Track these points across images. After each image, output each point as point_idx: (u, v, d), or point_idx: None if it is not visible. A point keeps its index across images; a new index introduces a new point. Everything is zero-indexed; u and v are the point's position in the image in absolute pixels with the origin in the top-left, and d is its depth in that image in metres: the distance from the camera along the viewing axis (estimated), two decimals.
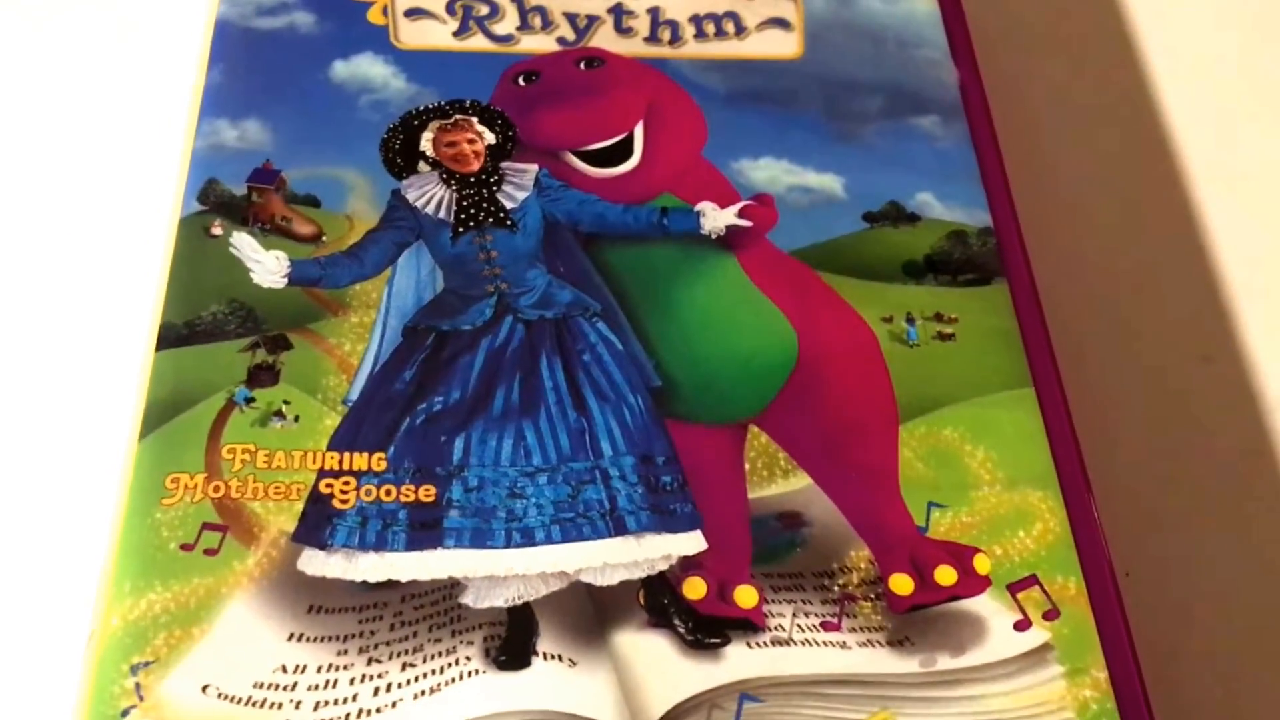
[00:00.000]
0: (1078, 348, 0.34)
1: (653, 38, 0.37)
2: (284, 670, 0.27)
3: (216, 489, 0.29)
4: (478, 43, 0.37)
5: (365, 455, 0.29)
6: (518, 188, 0.33)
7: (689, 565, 0.29)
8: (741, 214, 0.33)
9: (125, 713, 0.26)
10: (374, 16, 0.37)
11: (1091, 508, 0.30)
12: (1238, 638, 0.32)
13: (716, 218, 0.33)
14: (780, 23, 0.38)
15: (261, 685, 0.26)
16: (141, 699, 0.26)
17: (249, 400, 0.30)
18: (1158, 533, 0.32)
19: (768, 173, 0.35)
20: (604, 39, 0.37)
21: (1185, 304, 0.37)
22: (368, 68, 0.36)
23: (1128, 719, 0.27)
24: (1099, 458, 0.31)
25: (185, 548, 0.28)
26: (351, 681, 0.27)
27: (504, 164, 0.33)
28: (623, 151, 0.34)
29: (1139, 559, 0.31)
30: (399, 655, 0.27)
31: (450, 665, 0.27)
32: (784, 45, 0.37)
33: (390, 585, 0.28)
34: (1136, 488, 0.33)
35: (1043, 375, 0.32)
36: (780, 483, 0.30)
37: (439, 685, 0.27)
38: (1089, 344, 0.35)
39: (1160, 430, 0.34)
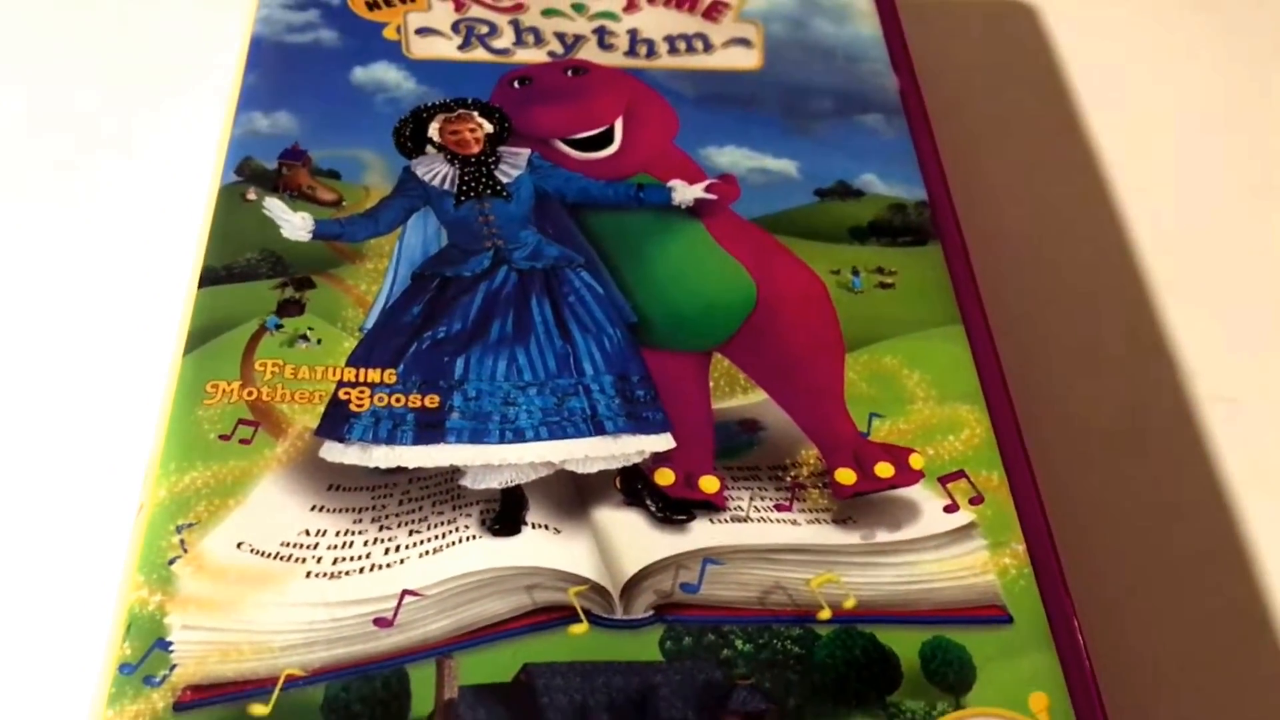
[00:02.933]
0: (1001, 293, 0.39)
1: (631, 52, 0.42)
2: (307, 533, 0.30)
3: (250, 394, 0.33)
4: (479, 55, 0.42)
5: (378, 370, 0.34)
6: (513, 166, 0.38)
7: (660, 459, 0.33)
8: (708, 189, 0.38)
9: (171, 562, 0.30)
10: (388, 34, 0.42)
11: (1012, 416, 0.34)
12: (1139, 515, 0.36)
13: (686, 192, 0.38)
14: (743, 41, 0.43)
15: (287, 544, 0.30)
16: (185, 551, 0.30)
17: (278, 326, 0.34)
18: (1070, 434, 0.37)
19: (731, 158, 0.40)
20: (589, 53, 0.42)
21: (1092, 253, 0.42)
22: (383, 73, 0.41)
23: (1042, 580, 0.31)
24: (1019, 378, 0.35)
25: (223, 438, 0.32)
26: (365, 543, 0.30)
27: (500, 148, 0.39)
28: (605, 140, 0.40)
29: (1055, 457, 0.35)
30: (406, 524, 0.31)
31: (451, 532, 0.31)
32: (746, 59, 0.43)
33: (399, 471, 0.32)
34: (1051, 400, 0.38)
35: (970, 314, 0.36)
36: (740, 397, 0.34)
37: (440, 547, 0.31)
38: (1011, 290, 0.40)
39: (1072, 354, 0.39)
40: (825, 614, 0.30)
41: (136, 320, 0.38)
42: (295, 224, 0.36)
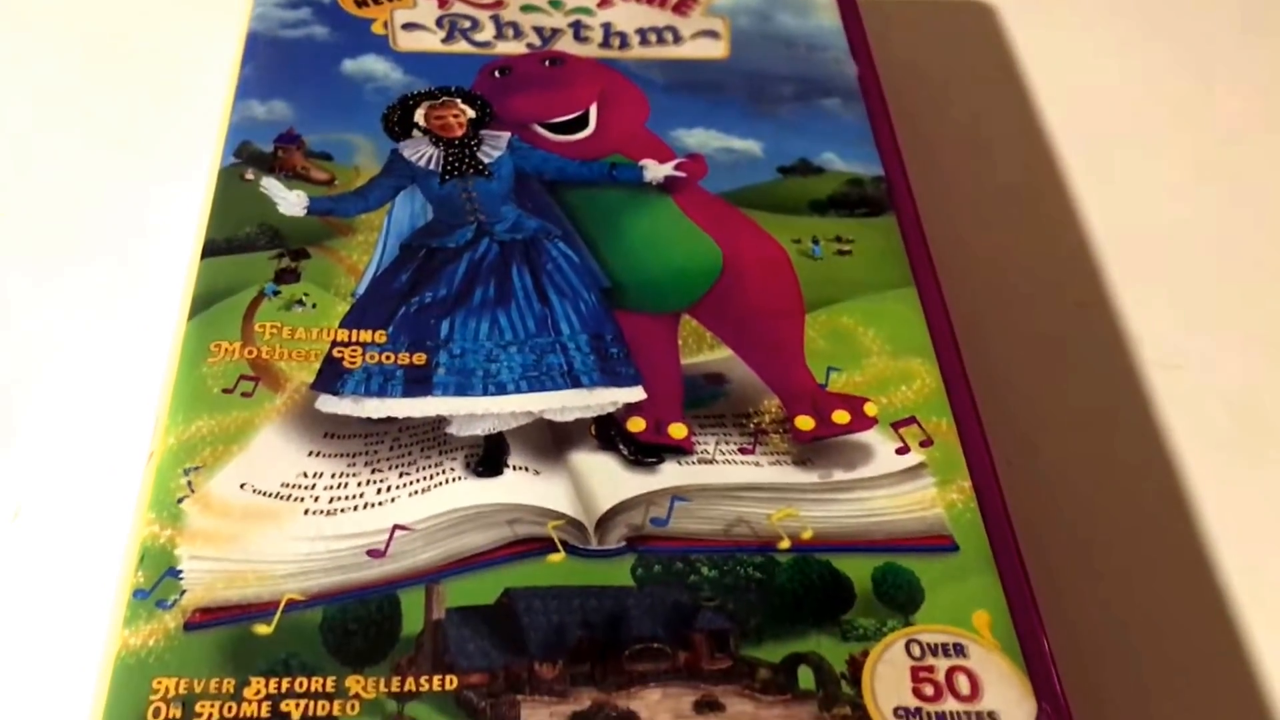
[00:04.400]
0: (952, 258, 0.41)
1: (605, 44, 0.45)
2: (305, 475, 0.33)
3: (250, 353, 0.35)
4: (461, 47, 0.45)
5: (370, 331, 0.36)
6: (493, 148, 0.41)
7: (632, 409, 0.35)
8: (677, 168, 0.41)
9: (180, 501, 0.32)
10: (376, 29, 0.45)
11: (961, 369, 0.36)
12: (1082, 462, 0.39)
13: (656, 170, 0.41)
14: (710, 34, 0.46)
15: (287, 485, 0.33)
16: (192, 492, 0.32)
17: (276, 292, 0.37)
18: (1017, 391, 0.40)
19: (699, 139, 0.42)
20: (565, 45, 0.45)
21: (1040, 223, 0.45)
22: (372, 65, 0.44)
23: (986, 513, 0.33)
24: (968, 333, 0.38)
25: (226, 391, 0.34)
26: (358, 484, 0.33)
27: (482, 131, 0.41)
28: (580, 123, 0.42)
29: (999, 404, 0.38)
30: (396, 467, 0.33)
31: (438, 474, 0.33)
32: (713, 50, 0.46)
33: (389, 420, 0.34)
34: (996, 353, 0.40)
35: (922, 278, 0.39)
36: (707, 353, 0.37)
37: (429, 487, 0.33)
38: (961, 256, 0.43)
39: (1021, 319, 0.42)
40: (785, 544, 0.32)
41: (144, 289, 0.41)
42: (291, 201, 0.39)
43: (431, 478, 0.33)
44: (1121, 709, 0.33)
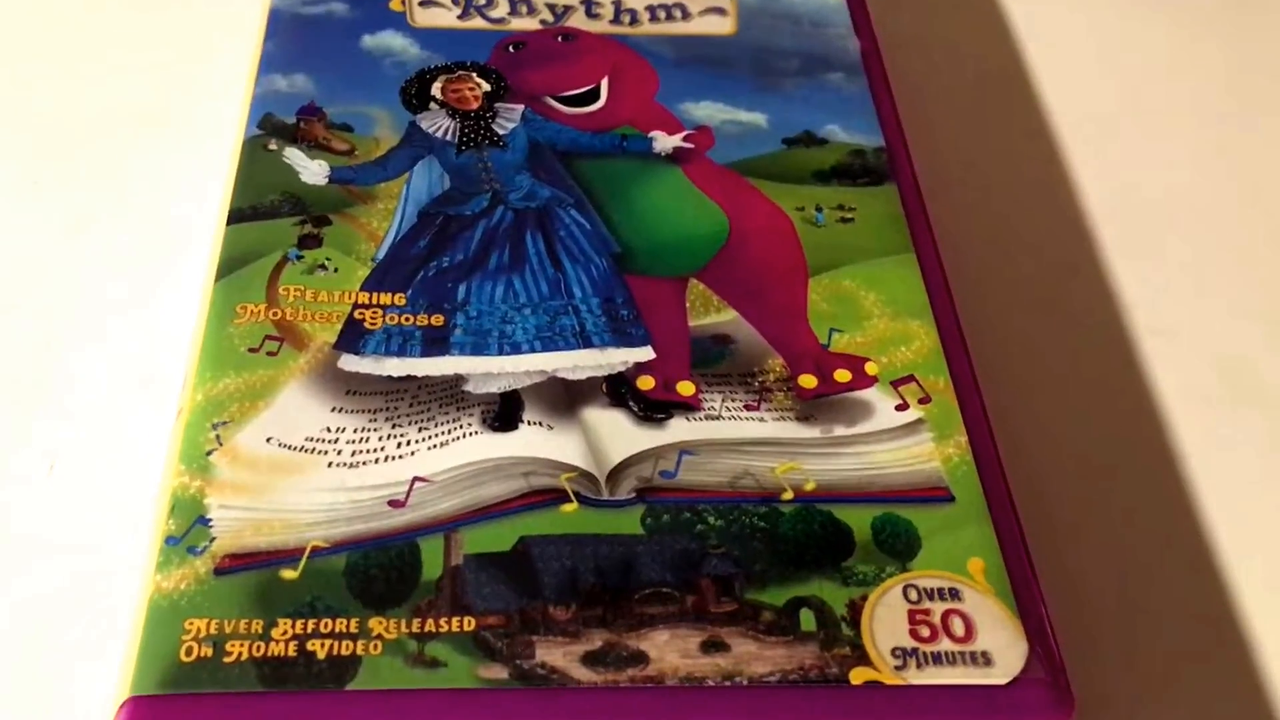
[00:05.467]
0: (951, 226, 0.43)
1: (616, 20, 0.46)
2: (328, 430, 0.34)
3: (275, 314, 0.37)
4: (476, 23, 0.46)
5: (389, 294, 0.37)
6: (508, 120, 0.42)
7: (641, 368, 0.36)
8: (686, 139, 0.42)
9: (208, 453, 0.33)
10: (394, 5, 0.46)
11: (958, 330, 0.38)
12: (1074, 421, 0.40)
13: (665, 141, 0.42)
14: (718, 10, 0.47)
15: (311, 439, 0.34)
16: (220, 445, 0.34)
17: (299, 257, 0.38)
18: (1012, 352, 0.41)
19: (706, 112, 0.44)
20: (577, 21, 0.46)
21: (1036, 192, 0.47)
22: (390, 40, 0.45)
23: (981, 466, 0.34)
24: (966, 298, 0.39)
25: (252, 350, 0.36)
26: (379, 439, 0.34)
27: (497, 104, 0.43)
28: (592, 96, 0.44)
29: (995, 364, 0.39)
30: (416, 422, 0.35)
31: (455, 429, 0.35)
32: (720, 26, 0.47)
33: (409, 379, 0.36)
34: (995, 315, 0.42)
35: (922, 244, 0.40)
36: (714, 315, 0.38)
37: (447, 441, 0.34)
38: (959, 223, 0.44)
39: (1016, 285, 0.43)
40: (788, 495, 0.34)
41: (172, 253, 0.42)
42: (313, 170, 0.40)
43: (449, 432, 0.35)
44: (1110, 651, 0.35)
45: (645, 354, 0.37)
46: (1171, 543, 0.37)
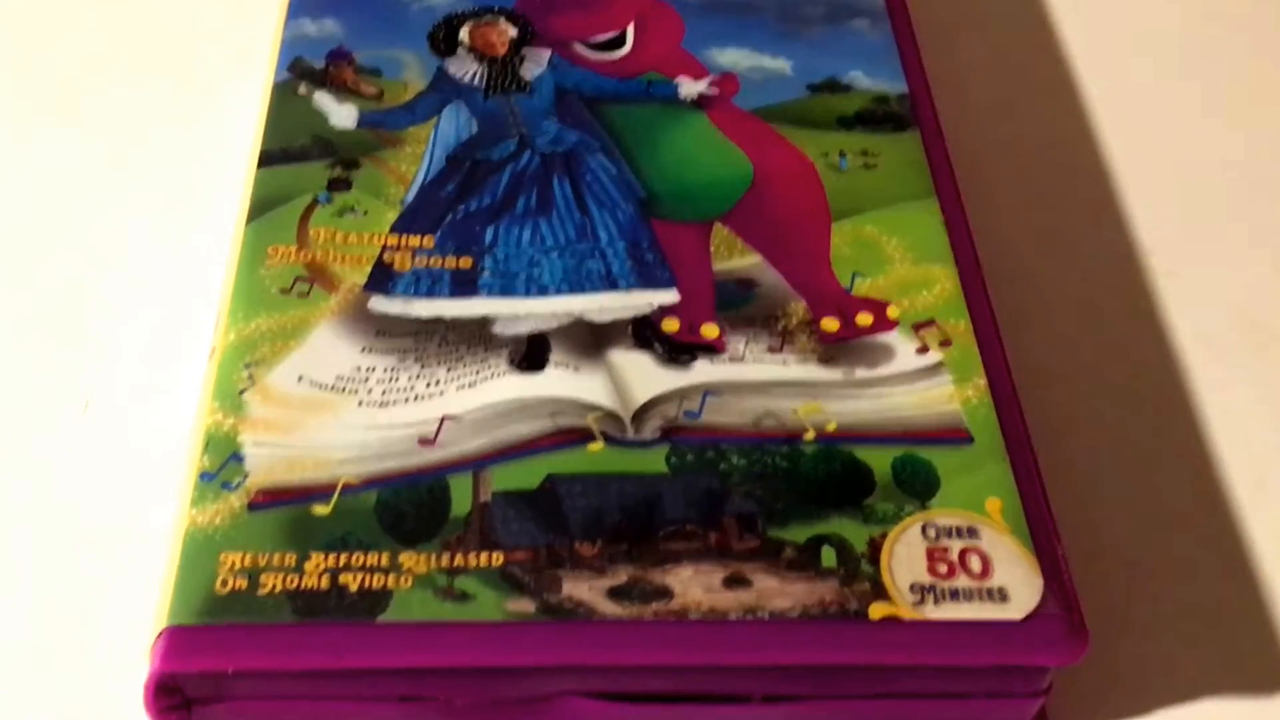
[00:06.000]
0: (973, 172, 0.43)
1: None
2: (358, 369, 0.35)
3: (305, 256, 0.37)
4: None
5: (418, 236, 0.38)
6: (535, 65, 0.43)
7: (666, 311, 0.37)
8: (711, 85, 0.42)
9: (241, 392, 0.34)
10: None
11: (979, 274, 0.38)
12: (1091, 363, 0.41)
13: (691, 87, 0.42)
14: None
15: (342, 378, 0.35)
16: (253, 384, 0.34)
17: (329, 200, 0.39)
18: (1031, 297, 0.42)
19: (731, 58, 0.44)
20: None
21: (1056, 138, 0.47)
22: None
23: (1000, 408, 0.35)
24: (987, 243, 0.40)
25: (283, 292, 0.36)
26: (409, 378, 0.35)
27: (524, 49, 0.43)
28: (618, 42, 0.44)
29: (1016, 309, 0.40)
30: (445, 363, 0.35)
31: (483, 369, 0.35)
32: None
33: (438, 320, 0.36)
34: (1015, 259, 0.42)
35: (944, 190, 0.40)
36: (737, 259, 0.38)
37: (475, 382, 0.35)
38: (982, 169, 0.44)
39: (1036, 228, 0.44)
40: (810, 435, 0.34)
41: (204, 195, 0.43)
42: (342, 114, 0.41)
43: (478, 373, 0.35)
44: (1124, 588, 0.35)
45: (670, 296, 0.37)
46: (1186, 484, 0.38)
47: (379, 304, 0.36)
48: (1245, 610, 0.35)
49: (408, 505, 0.32)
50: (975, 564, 0.31)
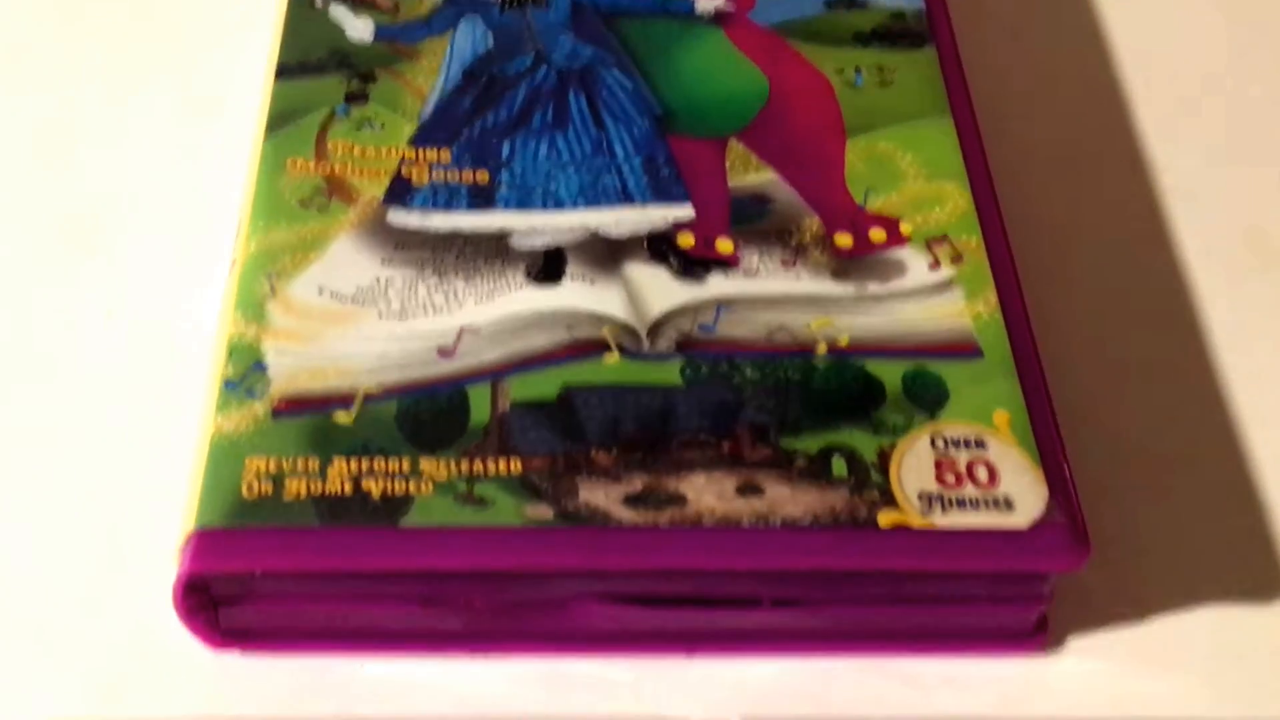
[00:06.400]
0: (988, 90, 0.43)
1: None
2: (378, 281, 0.35)
3: (324, 168, 0.38)
4: None
5: (435, 150, 0.38)
6: None
7: (681, 226, 0.37)
8: (727, 1, 0.43)
9: (263, 302, 0.35)
10: None
11: (992, 192, 0.38)
12: (1099, 275, 0.41)
13: (708, 2, 0.43)
14: None
15: (362, 289, 0.35)
16: (274, 294, 0.35)
17: (346, 113, 0.39)
18: (1040, 203, 0.42)
19: None
20: None
21: (1072, 59, 0.47)
22: None
23: (1010, 324, 0.35)
24: (1000, 160, 0.40)
25: (303, 204, 0.37)
26: (427, 290, 0.35)
27: None
28: None
29: (1027, 224, 0.40)
30: (462, 274, 0.36)
31: (501, 282, 0.36)
32: None
33: (455, 233, 0.37)
34: (1028, 178, 0.42)
35: (959, 108, 0.40)
36: (752, 175, 0.39)
37: (492, 294, 0.35)
38: (996, 87, 0.44)
39: (1051, 145, 0.44)
40: (822, 349, 0.35)
41: (222, 108, 0.44)
42: (358, 27, 0.41)
43: (495, 285, 0.36)
44: (1127, 500, 0.36)
45: (685, 211, 0.38)
46: (1191, 401, 0.38)
47: (397, 217, 0.37)
48: (1244, 522, 0.36)
49: (427, 414, 0.33)
50: (982, 474, 0.32)
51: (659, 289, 0.36)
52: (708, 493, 0.32)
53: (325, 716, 0.32)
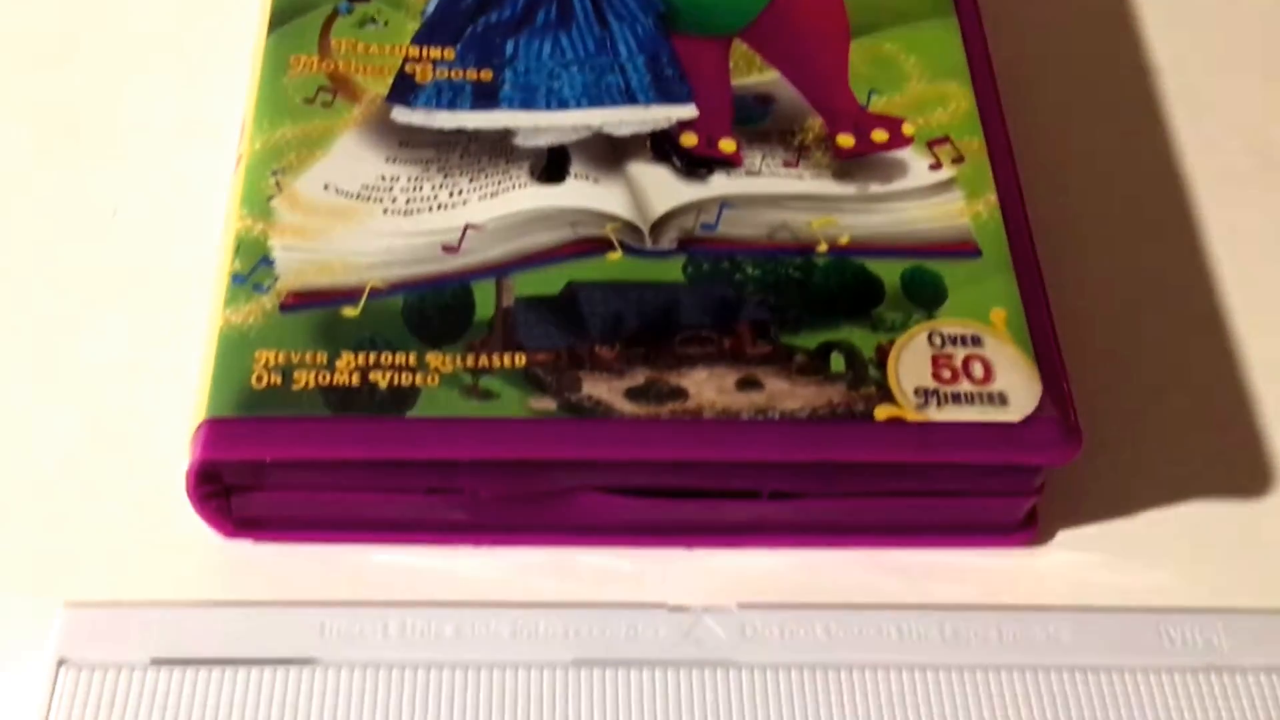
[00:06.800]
0: None
1: None
2: (383, 178, 0.36)
3: (328, 66, 0.38)
4: None
5: (439, 48, 0.38)
6: None
7: (684, 125, 0.38)
8: None
9: (269, 199, 0.35)
10: None
11: (994, 93, 0.39)
12: (1098, 175, 0.42)
13: None
14: None
15: (367, 186, 0.36)
16: (280, 191, 0.35)
17: (349, 10, 0.39)
18: (1042, 107, 0.42)
19: None
20: None
21: None
22: None
23: (1009, 224, 0.36)
24: (1003, 63, 0.40)
25: (307, 101, 0.37)
26: (432, 188, 0.36)
27: None
28: None
29: (1028, 127, 0.40)
30: (467, 173, 0.36)
31: (505, 180, 0.36)
32: None
33: (460, 131, 0.37)
34: (1031, 81, 0.43)
35: (964, 8, 0.40)
36: (756, 75, 0.39)
37: (496, 192, 0.36)
38: None
39: (1050, 41, 0.44)
40: (823, 248, 0.35)
41: (224, 6, 0.44)
42: None
43: (499, 183, 0.36)
44: (1117, 397, 0.37)
45: (688, 111, 0.38)
46: (1187, 306, 0.39)
47: (401, 115, 0.37)
48: (1233, 424, 0.37)
49: (433, 309, 0.33)
50: (978, 370, 0.33)
51: (662, 188, 0.36)
52: (708, 387, 0.32)
53: (335, 599, 0.32)
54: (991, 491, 0.33)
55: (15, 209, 0.40)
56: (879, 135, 0.38)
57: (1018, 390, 0.32)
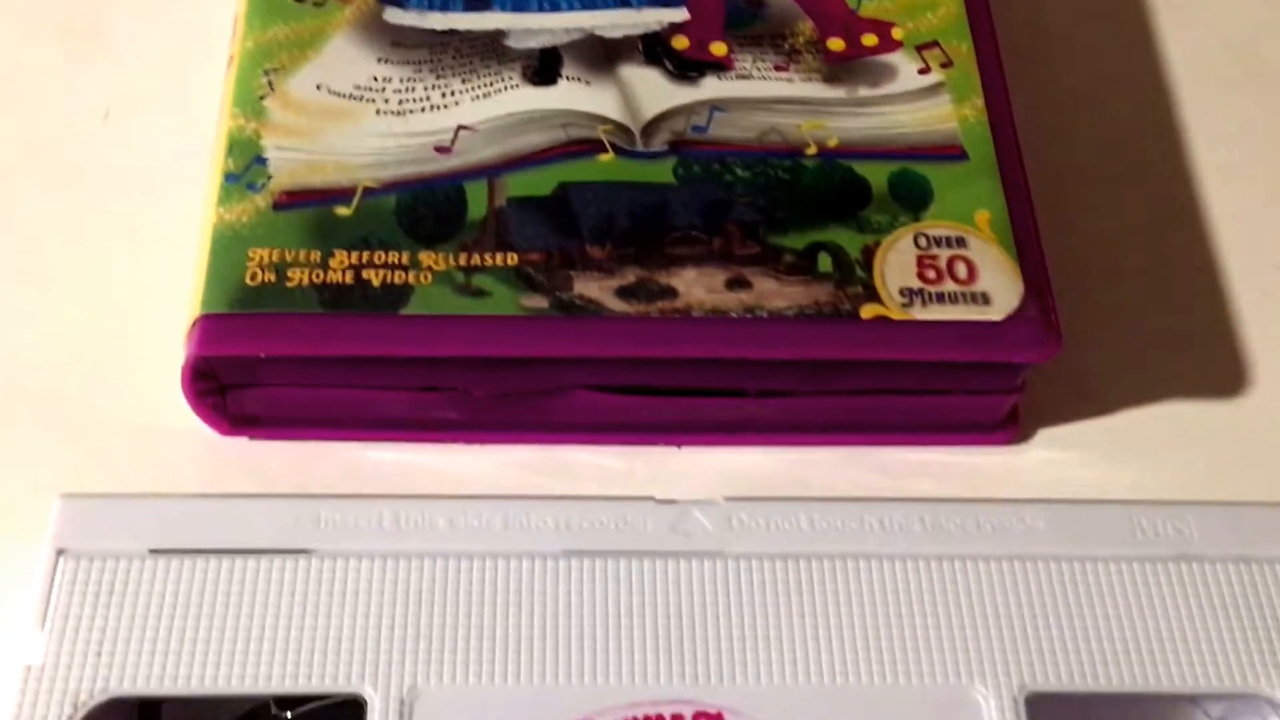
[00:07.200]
0: None
1: None
2: (375, 79, 0.36)
3: None
4: None
5: None
6: None
7: (676, 28, 0.38)
8: None
9: (262, 98, 0.35)
10: None
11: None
12: (1085, 91, 0.42)
13: None
14: None
15: (359, 87, 0.36)
16: (272, 90, 0.35)
17: None
18: (1032, 14, 0.43)
19: None
20: None
21: None
22: None
23: (995, 129, 0.36)
24: None
25: (298, 0, 0.37)
26: (424, 89, 0.36)
27: None
28: None
29: (1016, 31, 0.41)
30: (459, 74, 0.36)
31: (497, 81, 0.36)
32: None
33: (452, 32, 0.37)
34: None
35: None
36: None
37: (489, 93, 0.36)
38: None
39: None
40: (811, 150, 0.35)
41: None
42: None
43: (491, 84, 0.36)
44: (1098, 300, 0.37)
45: (679, 14, 0.38)
46: (1168, 206, 0.39)
47: (394, 15, 0.37)
48: (1211, 325, 0.37)
49: (425, 208, 0.34)
50: (962, 270, 0.33)
51: (653, 90, 0.36)
52: (698, 286, 0.33)
53: (330, 490, 0.33)
54: (973, 390, 0.34)
55: (7, 111, 0.40)
56: (869, 39, 0.38)
57: (1000, 290, 0.33)
